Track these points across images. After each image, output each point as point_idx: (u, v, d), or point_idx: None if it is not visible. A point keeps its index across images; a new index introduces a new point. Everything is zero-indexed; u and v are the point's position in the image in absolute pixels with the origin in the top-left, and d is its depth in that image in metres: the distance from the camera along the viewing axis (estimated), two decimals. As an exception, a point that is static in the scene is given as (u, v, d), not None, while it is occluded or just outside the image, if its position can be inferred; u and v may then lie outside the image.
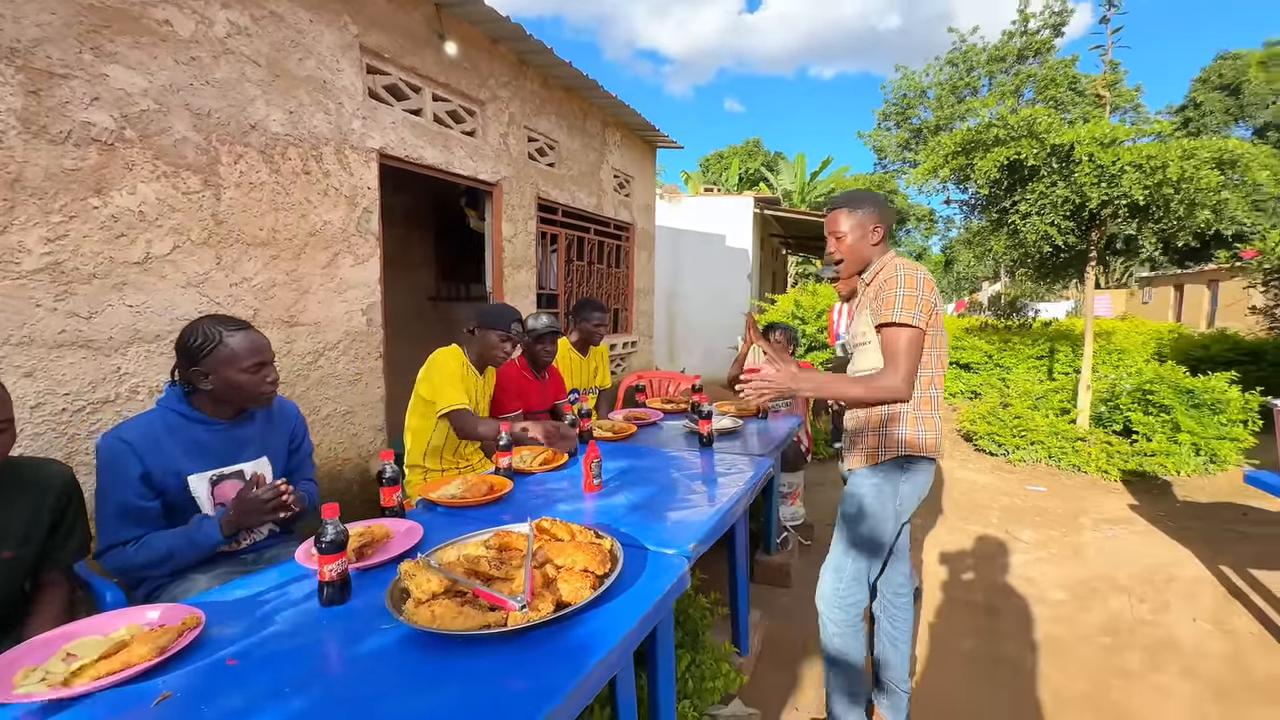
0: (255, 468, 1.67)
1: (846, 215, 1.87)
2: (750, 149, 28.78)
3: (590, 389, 3.53)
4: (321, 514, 1.22)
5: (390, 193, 4.79)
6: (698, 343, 9.51)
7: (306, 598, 1.25)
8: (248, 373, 1.56)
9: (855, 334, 1.88)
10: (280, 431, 1.77)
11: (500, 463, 2.08)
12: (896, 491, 1.80)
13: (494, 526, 1.49)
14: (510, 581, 1.18)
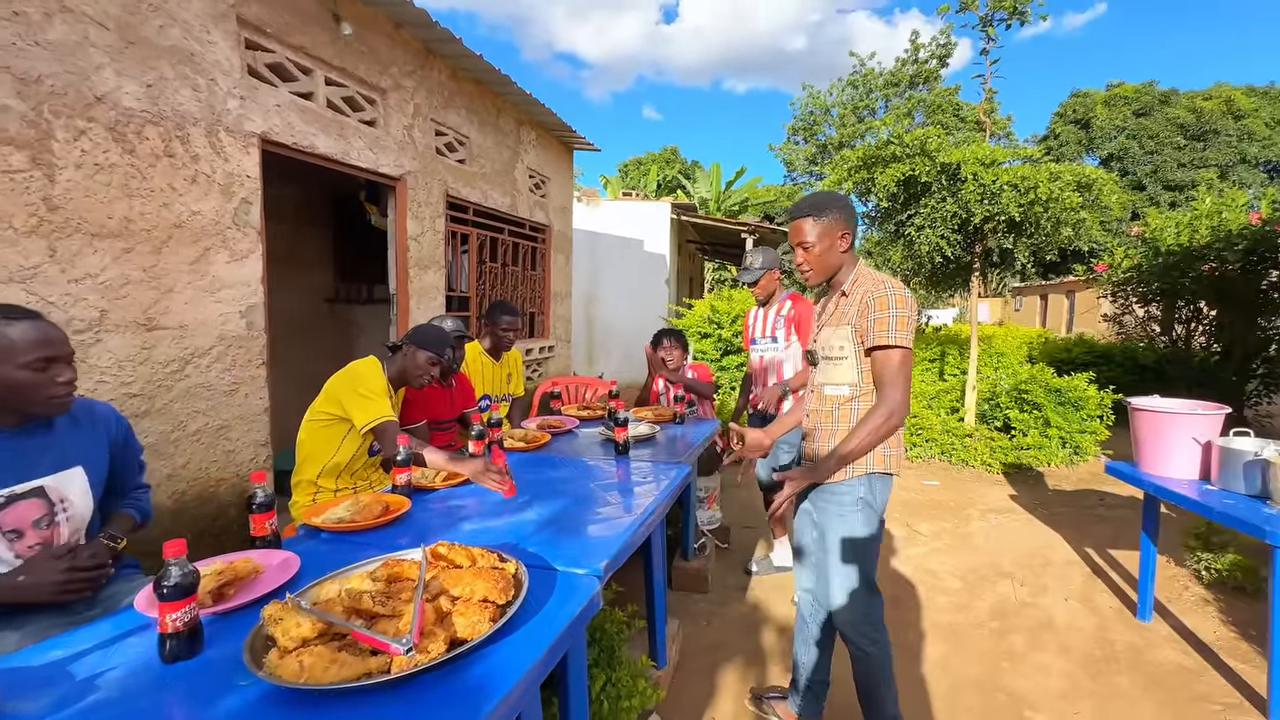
0: (60, 482, 1.41)
1: (812, 223, 1.76)
2: (668, 157, 29.30)
3: (503, 397, 3.37)
4: (163, 551, 1.03)
5: (278, 183, 4.38)
6: (616, 346, 9.48)
7: (146, 653, 1.06)
8: (30, 369, 1.30)
9: (828, 346, 1.80)
10: (94, 437, 1.51)
11: (398, 480, 1.91)
12: (875, 500, 1.77)
13: (386, 554, 1.34)
14: (398, 619, 1.05)
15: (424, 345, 2.26)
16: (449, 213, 4.36)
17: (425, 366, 2.25)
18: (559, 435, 2.86)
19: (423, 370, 2.26)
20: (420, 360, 2.25)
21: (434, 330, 2.32)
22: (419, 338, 2.27)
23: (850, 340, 1.74)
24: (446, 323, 2.74)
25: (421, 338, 2.27)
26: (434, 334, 2.30)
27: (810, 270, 1.81)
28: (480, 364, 3.22)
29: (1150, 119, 26.70)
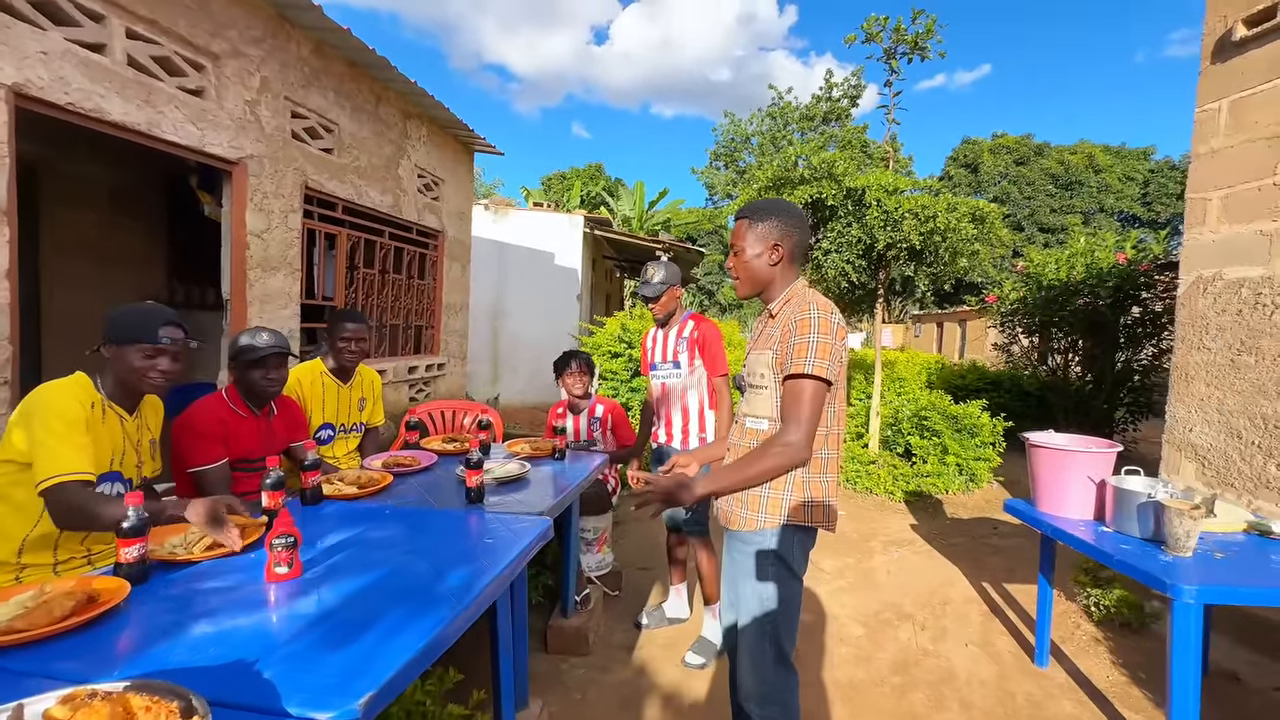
0: None
1: (746, 226, 1.61)
2: (593, 173, 29.16)
3: (353, 426, 2.82)
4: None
5: (82, 160, 3.60)
6: (524, 363, 8.95)
7: None
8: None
9: (751, 372, 1.62)
10: None
11: (125, 555, 1.37)
12: (788, 561, 1.54)
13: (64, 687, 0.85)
14: None
15: (128, 338, 1.67)
16: (310, 208, 3.76)
17: (141, 366, 1.68)
18: (406, 475, 2.37)
19: (140, 373, 1.69)
20: (131, 360, 1.68)
21: (130, 313, 1.72)
22: (116, 330, 1.69)
23: (771, 367, 1.55)
24: (261, 335, 2.19)
25: (120, 329, 1.69)
26: (134, 318, 1.71)
27: (737, 279, 1.66)
28: (321, 387, 2.66)
29: (1027, 167, 29.69)
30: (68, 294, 3.55)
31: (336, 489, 2.09)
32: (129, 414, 1.75)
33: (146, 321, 1.70)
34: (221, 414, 2.14)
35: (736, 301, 27.47)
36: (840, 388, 1.55)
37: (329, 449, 2.72)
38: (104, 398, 1.68)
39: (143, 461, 1.79)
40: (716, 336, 2.72)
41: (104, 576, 1.35)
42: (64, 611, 1.19)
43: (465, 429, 3.58)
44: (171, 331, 1.74)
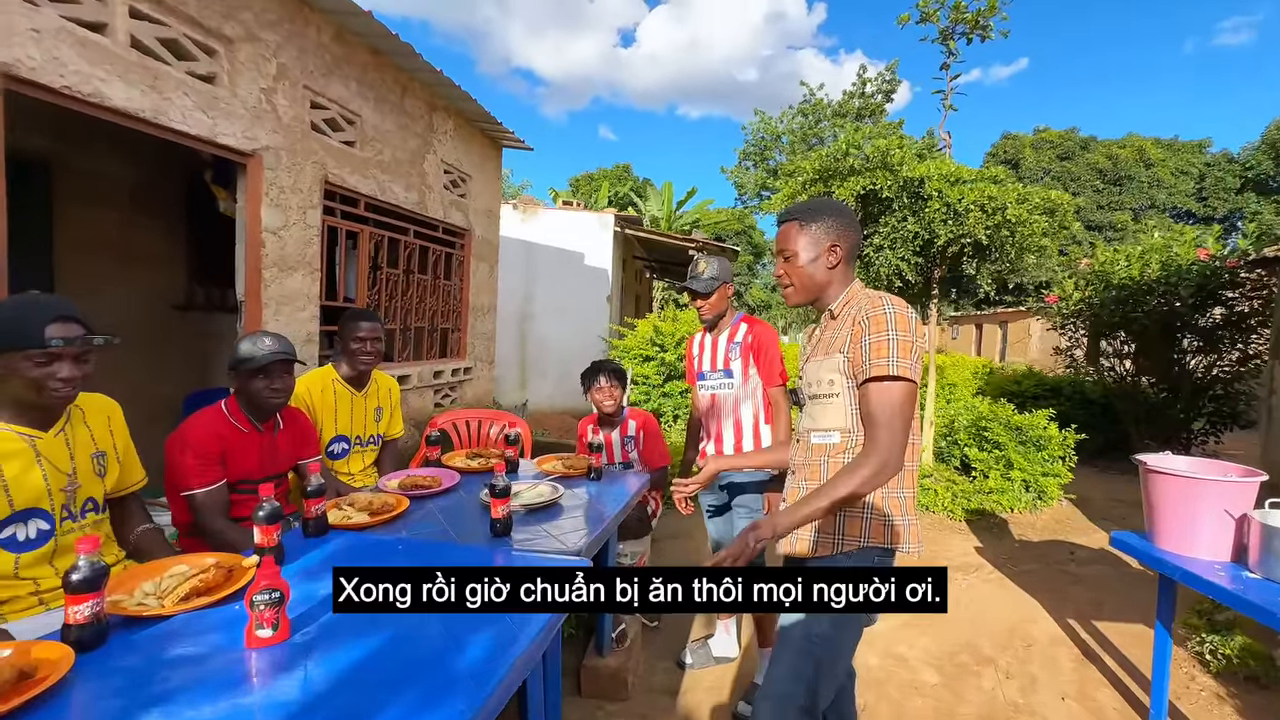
0: None
1: (799, 230, 1.48)
2: (620, 173, 28.95)
3: (370, 439, 2.57)
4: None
5: (103, 158, 3.46)
6: (552, 367, 8.71)
7: None
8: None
9: (815, 381, 1.48)
10: None
11: (75, 614, 1.11)
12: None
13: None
14: None
15: (4, 344, 1.32)
16: (330, 203, 3.55)
17: (36, 376, 1.34)
18: (424, 499, 2.10)
19: (36, 385, 1.35)
20: (21, 372, 1.33)
21: (8, 311, 1.36)
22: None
23: (841, 372, 1.42)
24: (263, 341, 1.95)
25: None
26: (10, 318, 1.34)
27: (791, 287, 1.52)
28: (333, 396, 2.42)
29: (1072, 162, 28.44)
30: (84, 294, 3.40)
31: (345, 517, 1.83)
32: (42, 431, 1.43)
33: (26, 320, 1.33)
34: (219, 429, 1.90)
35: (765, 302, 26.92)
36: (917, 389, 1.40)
37: (343, 464, 2.47)
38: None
39: (78, 484, 1.49)
40: (773, 341, 2.40)
41: (47, 643, 1.09)
42: (-15, 692, 0.93)
43: (492, 441, 3.31)
44: (63, 329, 1.36)
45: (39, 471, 1.40)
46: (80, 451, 1.51)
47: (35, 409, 1.41)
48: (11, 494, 1.35)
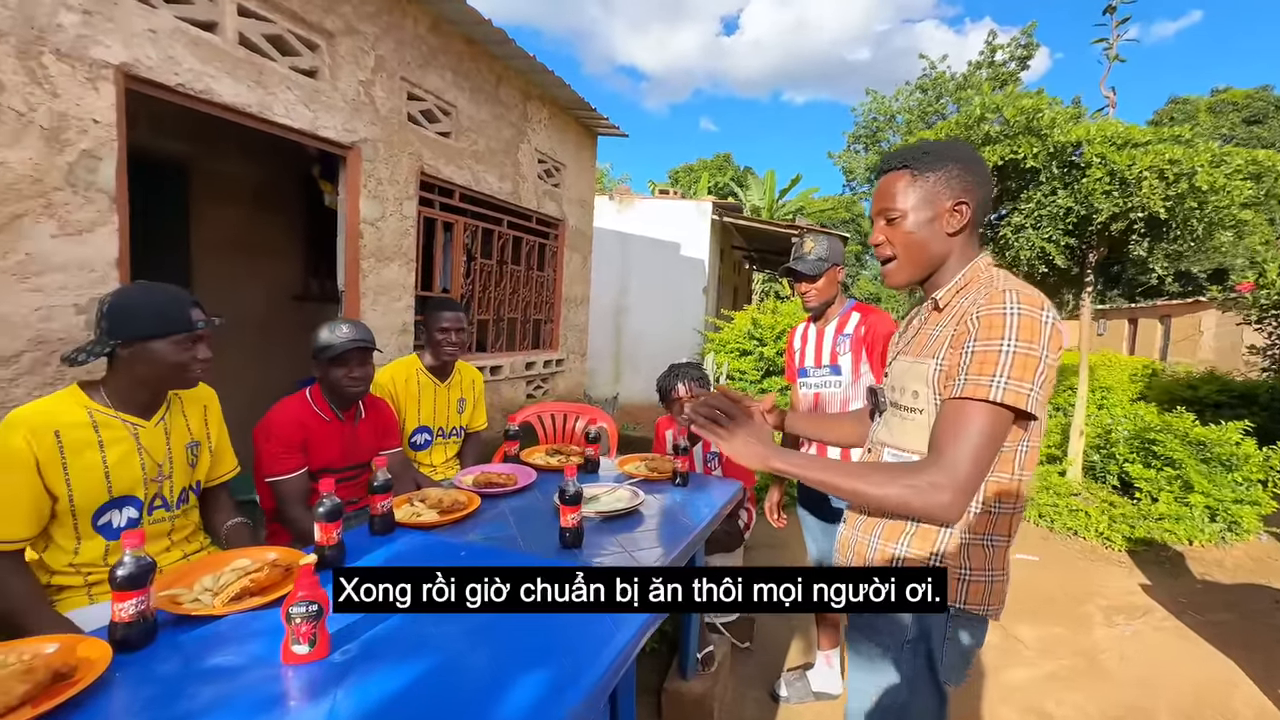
0: None
1: (910, 181, 1.09)
2: (720, 163, 28.34)
3: (452, 431, 2.52)
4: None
5: (235, 159, 3.73)
6: (646, 360, 8.57)
7: None
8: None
9: (900, 387, 1.12)
10: None
11: (120, 611, 1.05)
12: (933, 659, 1.06)
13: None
14: None
15: (157, 330, 1.36)
16: (426, 194, 3.59)
17: (182, 361, 1.40)
18: (497, 498, 1.97)
19: (181, 369, 1.41)
20: (167, 356, 1.38)
21: (154, 299, 1.38)
22: (138, 322, 1.35)
23: (930, 385, 1.05)
24: (341, 329, 1.91)
25: (145, 320, 1.36)
26: (159, 305, 1.38)
27: (893, 261, 1.13)
28: (416, 386, 2.38)
29: (1264, 126, 23.89)
30: (213, 290, 3.69)
31: (413, 514, 1.74)
32: (145, 420, 1.45)
33: (176, 307, 1.40)
34: (301, 417, 1.88)
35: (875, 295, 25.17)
36: (1042, 419, 1.01)
37: (425, 455, 2.43)
38: (107, 408, 1.39)
39: (170, 473, 1.50)
40: (890, 333, 2.03)
41: (93, 640, 1.05)
42: (7, 701, 0.88)
43: (577, 436, 3.18)
44: (199, 313, 1.45)
45: (138, 460, 1.41)
46: (176, 441, 1.51)
47: (153, 396, 1.44)
48: (111, 480, 1.37)
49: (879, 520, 1.11)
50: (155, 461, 1.46)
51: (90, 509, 1.36)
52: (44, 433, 1.28)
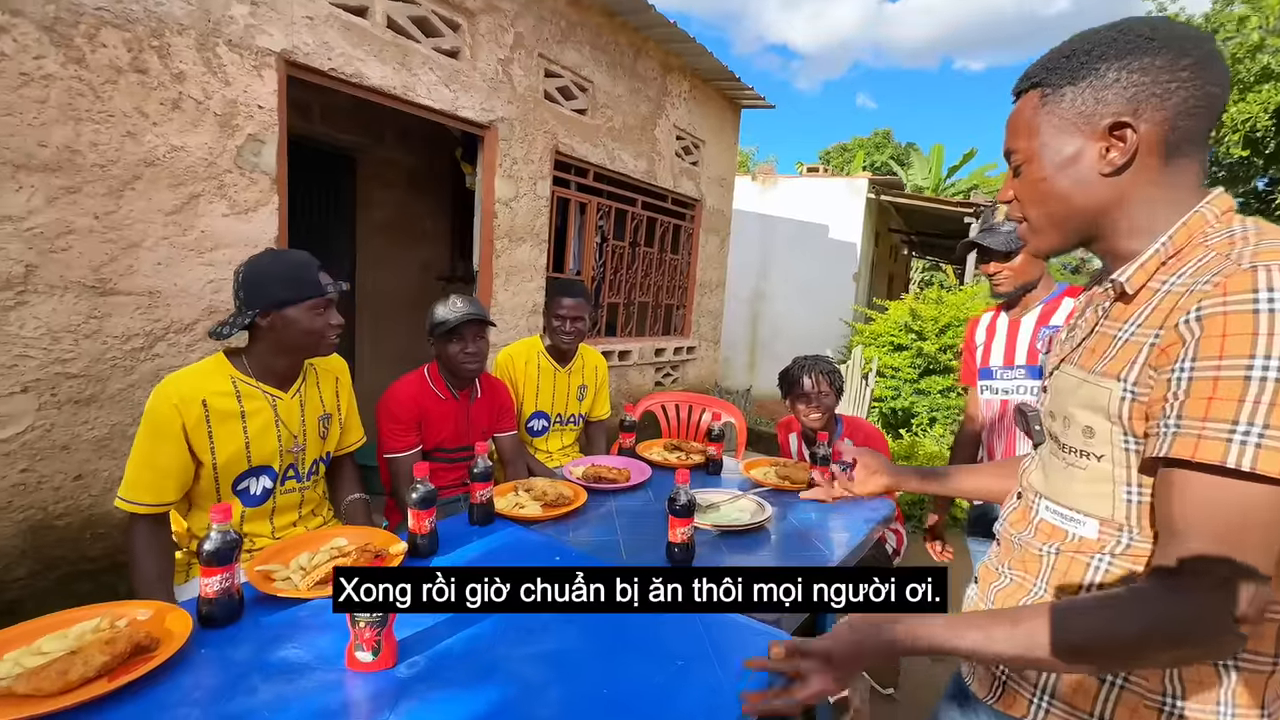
0: None
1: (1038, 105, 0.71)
2: (879, 141, 26.00)
3: (570, 418, 2.40)
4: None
5: (389, 144, 4.00)
6: (785, 350, 8.01)
7: None
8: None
9: (1063, 414, 0.73)
10: None
11: (205, 587, 1.02)
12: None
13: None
14: None
15: (294, 297, 1.34)
16: (560, 174, 3.54)
17: (318, 327, 1.38)
18: (605, 494, 1.80)
19: (317, 335, 1.39)
20: (303, 323, 1.36)
21: (287, 267, 1.37)
22: (275, 290, 1.34)
23: (1115, 419, 0.66)
24: (457, 304, 1.85)
25: (282, 287, 1.34)
26: (293, 272, 1.36)
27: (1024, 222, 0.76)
28: (535, 369, 2.28)
29: None
30: (373, 272, 4.00)
31: (516, 504, 1.62)
32: (283, 392, 1.45)
33: (306, 271, 1.37)
34: (416, 394, 1.85)
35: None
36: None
37: (542, 442, 2.34)
38: (249, 378, 1.40)
39: (304, 445, 1.51)
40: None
41: (181, 613, 1.02)
42: (85, 672, 0.86)
43: (702, 430, 2.93)
44: (328, 278, 1.41)
45: (275, 432, 1.42)
46: (310, 414, 1.51)
47: (290, 367, 1.45)
48: (251, 450, 1.39)
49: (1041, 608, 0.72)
50: (291, 433, 1.46)
51: (231, 477, 1.39)
52: (192, 401, 1.31)
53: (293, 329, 1.37)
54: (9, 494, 1.74)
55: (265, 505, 1.47)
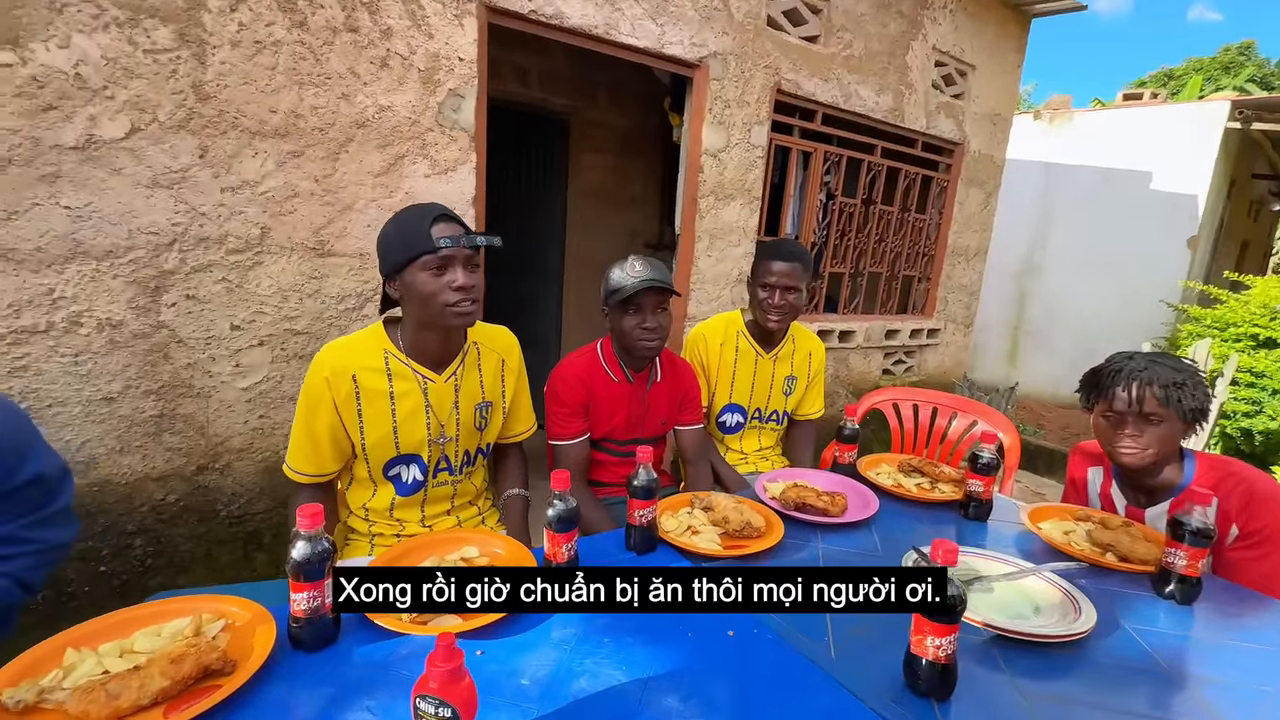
0: None
1: None
2: (1229, 60, 19.11)
3: (769, 416, 1.93)
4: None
5: (603, 107, 3.84)
6: (1066, 340, 6.28)
7: None
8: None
9: None
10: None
11: (295, 604, 0.83)
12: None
13: None
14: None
15: (397, 259, 1.14)
16: (780, 118, 2.98)
17: (433, 290, 1.13)
18: (810, 527, 1.31)
19: (435, 294, 1.14)
20: (419, 287, 1.13)
21: (399, 222, 1.17)
22: (390, 249, 1.17)
23: None
24: (635, 266, 1.49)
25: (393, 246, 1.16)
26: (401, 226, 1.16)
27: None
28: (734, 352, 1.85)
29: None
30: (580, 238, 3.94)
31: (687, 528, 1.23)
32: (436, 374, 1.26)
33: (413, 223, 1.14)
34: (585, 375, 1.57)
35: None
36: None
37: (735, 440, 1.92)
38: (402, 355, 1.23)
39: (455, 435, 1.30)
40: None
41: (267, 629, 0.85)
42: (138, 699, 0.71)
43: (952, 442, 2.19)
44: (447, 229, 1.14)
45: (423, 419, 1.26)
46: (465, 401, 1.31)
47: (437, 343, 1.24)
48: (399, 436, 1.25)
49: None
50: (439, 422, 1.27)
51: (380, 462, 1.26)
52: (343, 375, 1.19)
53: (412, 294, 1.15)
54: (250, 436, 1.93)
55: (417, 495, 1.32)
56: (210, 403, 1.86)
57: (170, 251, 1.72)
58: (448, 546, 1.11)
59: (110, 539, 1.77)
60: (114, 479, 1.76)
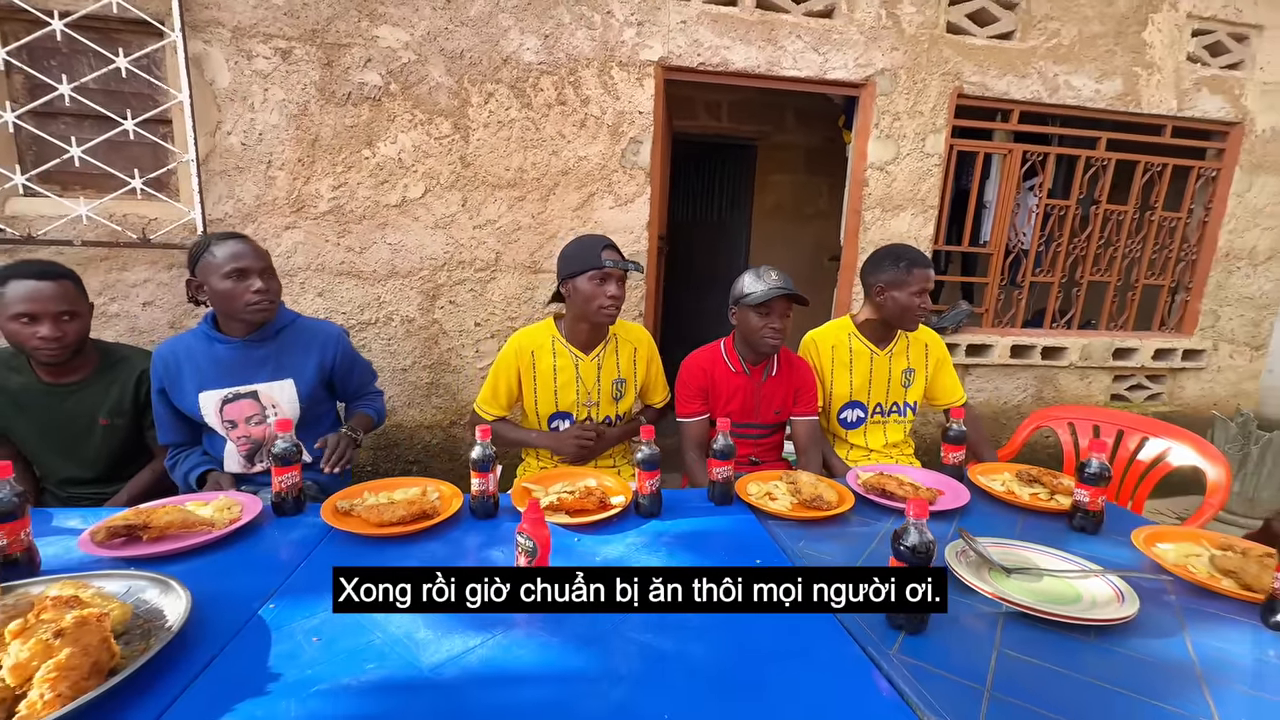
0: (271, 389, 1.60)
1: None
2: None
3: (892, 409, 1.99)
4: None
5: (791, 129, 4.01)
6: None
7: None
8: (229, 279, 1.49)
9: None
10: (305, 354, 1.65)
11: (472, 486, 1.34)
12: None
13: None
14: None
15: (573, 270, 1.68)
16: (961, 122, 2.88)
17: (592, 294, 1.66)
18: (884, 511, 1.41)
19: (595, 298, 1.67)
20: (584, 292, 1.67)
21: (577, 245, 1.72)
22: (567, 264, 1.71)
23: None
24: (770, 275, 1.74)
25: (570, 262, 1.70)
26: (579, 249, 1.71)
27: None
28: (848, 353, 1.98)
29: None
30: (765, 252, 4.19)
31: (767, 494, 1.47)
32: (585, 354, 1.78)
33: (590, 248, 1.68)
34: (706, 364, 1.88)
35: None
36: None
37: (858, 436, 2.03)
38: (563, 340, 1.77)
39: (597, 400, 1.82)
40: None
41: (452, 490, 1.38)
42: (390, 517, 1.26)
43: (1138, 471, 1.91)
44: (611, 254, 1.67)
45: (574, 386, 1.79)
46: (605, 376, 1.83)
47: (589, 332, 1.77)
48: (559, 397, 1.79)
49: None
50: (586, 389, 1.79)
51: (545, 415, 1.81)
52: (525, 351, 1.76)
53: (578, 296, 1.67)
54: (482, 404, 2.66)
55: None
56: (460, 376, 2.63)
57: (442, 271, 2.52)
58: (578, 476, 1.54)
59: (399, 463, 2.64)
60: (404, 424, 2.62)
